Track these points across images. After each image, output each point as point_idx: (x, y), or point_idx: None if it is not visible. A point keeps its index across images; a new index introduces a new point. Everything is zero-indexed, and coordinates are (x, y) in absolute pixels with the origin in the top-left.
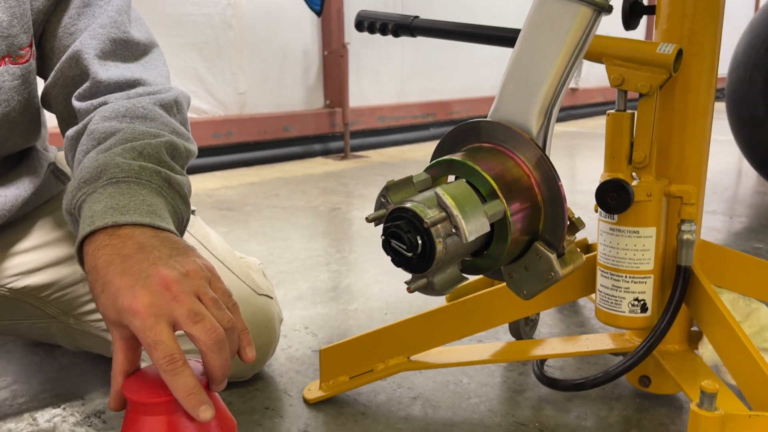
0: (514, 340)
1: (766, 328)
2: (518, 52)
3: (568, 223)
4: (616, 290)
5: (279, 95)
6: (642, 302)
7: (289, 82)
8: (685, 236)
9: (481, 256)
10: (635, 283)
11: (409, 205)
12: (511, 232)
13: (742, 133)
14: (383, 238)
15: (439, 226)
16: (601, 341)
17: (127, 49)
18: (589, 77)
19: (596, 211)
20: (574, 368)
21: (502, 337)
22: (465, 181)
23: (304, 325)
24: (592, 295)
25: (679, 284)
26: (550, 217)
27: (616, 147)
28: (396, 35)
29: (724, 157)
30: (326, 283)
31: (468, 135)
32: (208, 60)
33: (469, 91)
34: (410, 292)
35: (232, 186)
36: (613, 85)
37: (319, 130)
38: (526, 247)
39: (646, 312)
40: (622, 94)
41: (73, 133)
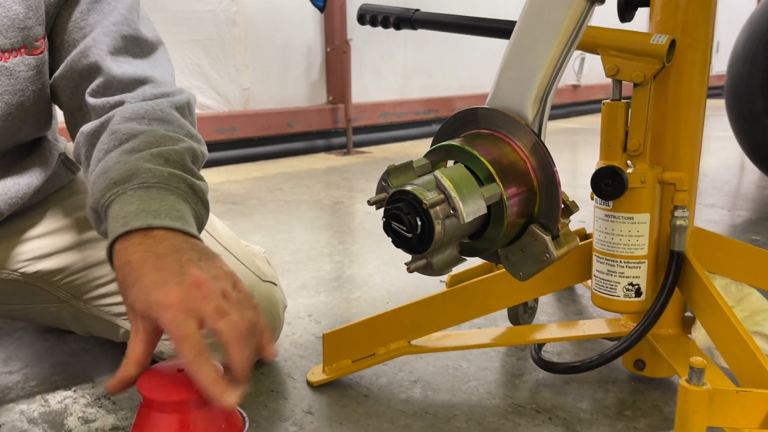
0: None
1: (757, 312)
2: (514, 42)
3: (563, 206)
4: (612, 275)
5: (282, 91)
6: (636, 287)
7: (292, 78)
8: (678, 222)
9: (478, 238)
10: (630, 268)
11: (409, 188)
12: (508, 214)
13: (741, 128)
14: (384, 220)
15: (438, 208)
16: (597, 326)
17: (137, 46)
18: (591, 74)
19: (592, 199)
20: (571, 354)
21: (501, 325)
22: (463, 166)
23: (308, 312)
24: (589, 282)
25: (672, 268)
26: (545, 201)
27: (611, 135)
28: (397, 28)
29: (725, 152)
30: (329, 273)
31: (466, 121)
32: (212, 56)
33: (470, 87)
34: (410, 272)
35: (237, 180)
36: (608, 75)
37: (322, 126)
38: (522, 229)
39: (640, 296)
40: (617, 84)
41: (91, 129)
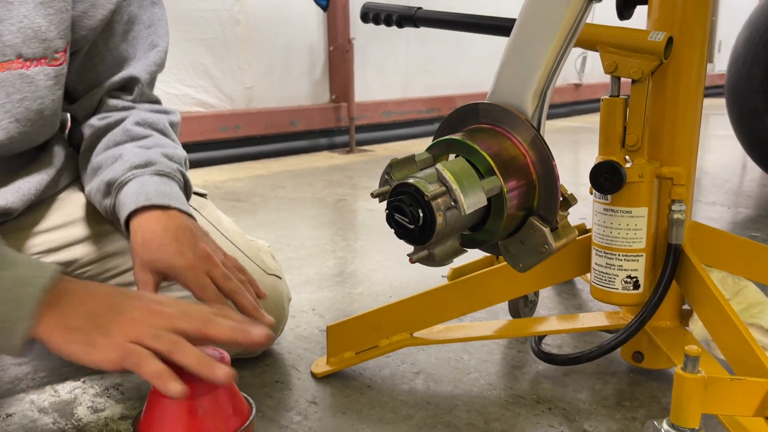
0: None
1: (753, 305)
2: (514, 39)
3: (562, 199)
4: (610, 268)
5: (285, 90)
6: (634, 279)
7: (295, 77)
8: (676, 216)
9: (479, 230)
10: (628, 261)
11: (411, 181)
12: (507, 207)
13: (742, 126)
14: (387, 211)
15: (439, 200)
16: (596, 319)
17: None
18: (593, 72)
19: (591, 193)
20: (571, 346)
21: (501, 318)
22: (464, 159)
23: (312, 306)
24: (588, 276)
25: (670, 261)
26: (544, 194)
27: (610, 131)
28: (400, 26)
29: (726, 150)
30: (332, 268)
31: (467, 116)
32: (216, 55)
33: (472, 86)
34: (412, 263)
35: (240, 178)
36: (606, 72)
37: (324, 125)
38: (522, 222)
39: (638, 289)
40: (616, 81)
41: (103, 124)
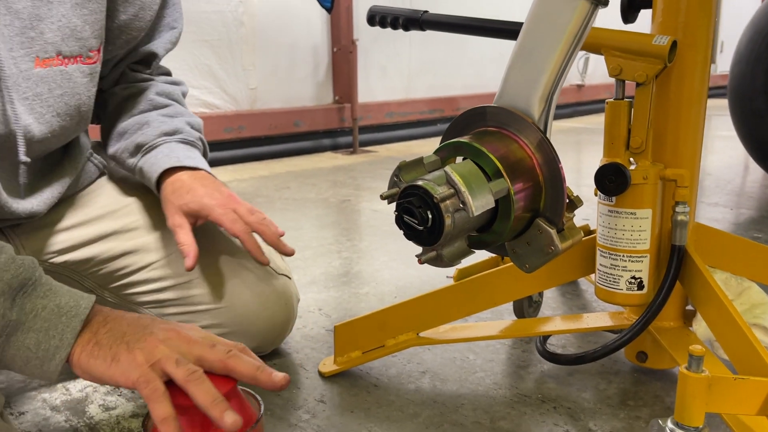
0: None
1: (756, 306)
2: (521, 43)
3: (568, 201)
4: (614, 269)
5: (289, 91)
6: (639, 280)
7: (299, 78)
8: (679, 217)
9: (486, 231)
10: (632, 262)
11: (420, 183)
12: (515, 208)
13: (744, 127)
14: (396, 213)
15: (448, 202)
16: (600, 319)
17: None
18: (595, 73)
19: (596, 195)
20: (575, 346)
21: (506, 318)
22: (472, 162)
23: (318, 306)
24: (592, 276)
25: (674, 263)
26: (550, 196)
27: (615, 133)
28: (406, 29)
29: (729, 151)
30: (338, 269)
31: (475, 119)
32: (220, 56)
33: (475, 87)
34: (421, 264)
35: (244, 179)
36: (611, 75)
37: (328, 126)
38: (528, 223)
39: (642, 289)
40: (620, 84)
41: (126, 93)
